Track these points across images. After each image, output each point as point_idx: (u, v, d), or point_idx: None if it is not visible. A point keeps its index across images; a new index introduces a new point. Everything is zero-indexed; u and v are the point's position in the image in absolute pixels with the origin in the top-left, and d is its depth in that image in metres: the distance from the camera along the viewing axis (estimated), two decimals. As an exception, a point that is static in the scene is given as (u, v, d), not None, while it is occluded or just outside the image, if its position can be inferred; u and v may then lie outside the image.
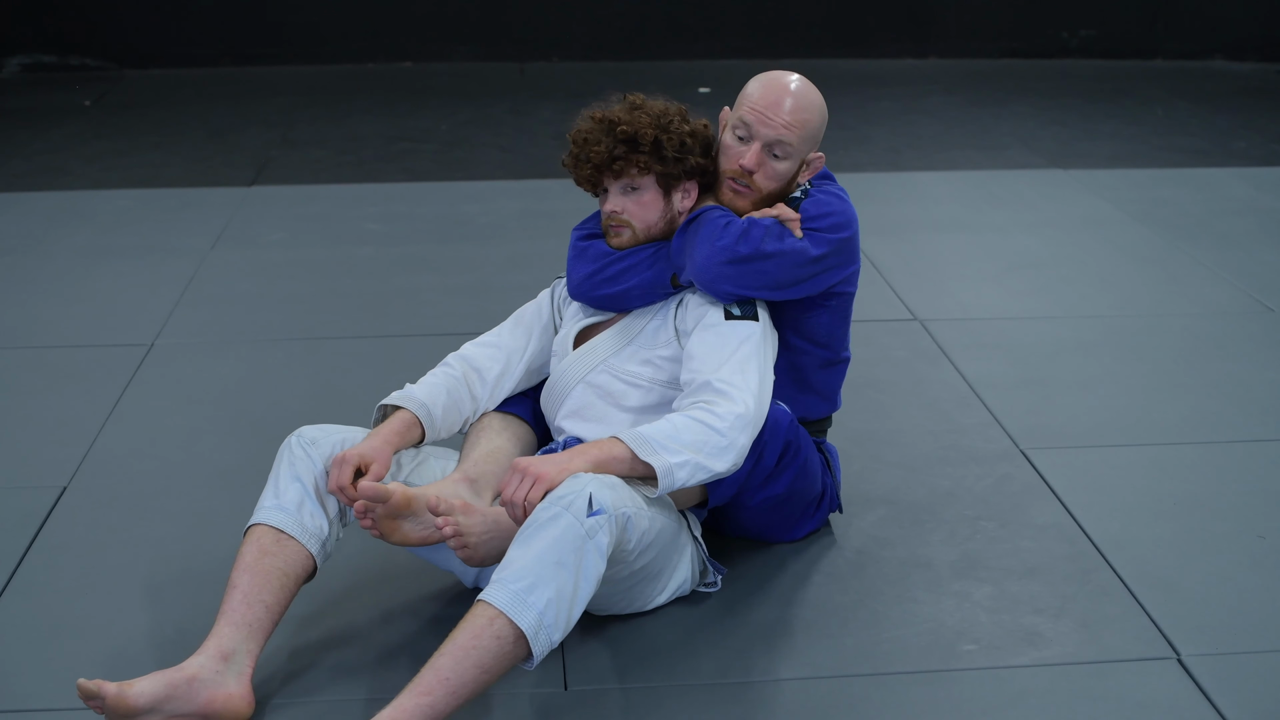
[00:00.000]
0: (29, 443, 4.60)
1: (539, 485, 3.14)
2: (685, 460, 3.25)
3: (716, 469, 3.30)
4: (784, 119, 3.56)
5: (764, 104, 3.57)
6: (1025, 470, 4.37)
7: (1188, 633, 3.51)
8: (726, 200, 3.64)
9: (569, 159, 3.63)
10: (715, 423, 3.30)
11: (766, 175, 3.60)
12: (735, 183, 3.61)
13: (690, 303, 3.59)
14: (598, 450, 3.25)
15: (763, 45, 11.09)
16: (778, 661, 3.43)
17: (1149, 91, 10.28)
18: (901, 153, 8.55)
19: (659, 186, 3.59)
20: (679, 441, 3.26)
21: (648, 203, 3.59)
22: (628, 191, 3.59)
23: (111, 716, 3.04)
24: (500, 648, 2.98)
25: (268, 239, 6.79)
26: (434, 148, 8.72)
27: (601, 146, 3.53)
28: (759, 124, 3.56)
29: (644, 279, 3.60)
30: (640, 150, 3.53)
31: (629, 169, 3.55)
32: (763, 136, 3.56)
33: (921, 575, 3.79)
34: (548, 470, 3.16)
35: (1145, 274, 6.24)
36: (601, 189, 3.63)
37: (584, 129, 3.60)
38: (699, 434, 3.28)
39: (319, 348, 5.43)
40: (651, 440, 3.26)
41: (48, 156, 8.44)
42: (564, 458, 3.21)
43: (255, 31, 11.05)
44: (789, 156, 3.61)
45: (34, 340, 5.50)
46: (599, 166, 3.56)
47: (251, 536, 3.32)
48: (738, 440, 3.32)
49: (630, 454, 3.25)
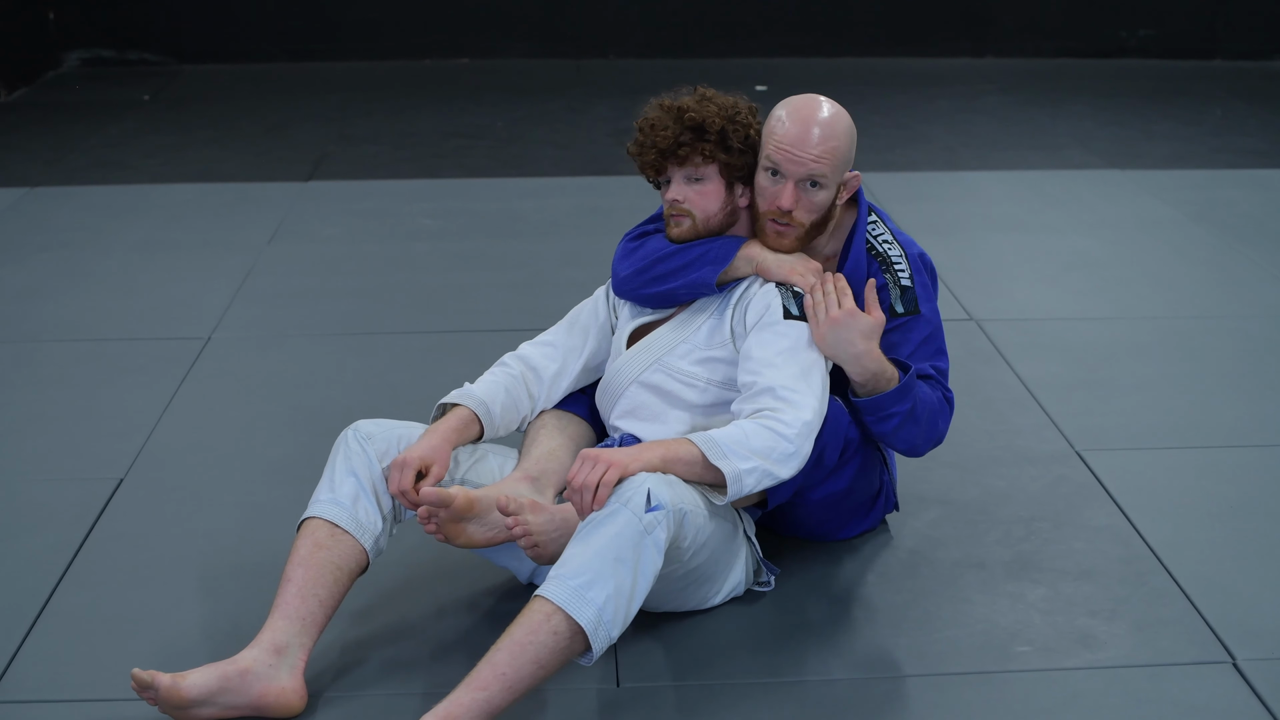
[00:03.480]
0: (87, 435, 4.63)
1: (614, 470, 3.13)
2: (754, 467, 3.25)
3: (781, 475, 3.30)
4: (813, 153, 3.48)
5: (790, 141, 3.49)
6: (1080, 471, 4.35)
7: (1243, 637, 3.48)
8: (770, 242, 3.58)
9: (634, 145, 3.60)
10: (784, 430, 3.29)
11: (806, 209, 3.54)
12: (776, 223, 3.56)
13: (748, 305, 3.56)
14: (664, 450, 3.24)
15: (820, 44, 11.07)
16: (830, 661, 3.43)
17: (1207, 92, 10.21)
18: (958, 152, 8.52)
19: (722, 177, 3.55)
20: (748, 448, 3.26)
21: (710, 193, 3.56)
22: (690, 181, 3.56)
23: (164, 707, 3.06)
24: (557, 643, 2.98)
25: (324, 234, 6.82)
26: (490, 144, 8.74)
27: (669, 132, 3.51)
28: (788, 163, 3.49)
29: (689, 280, 3.57)
30: (706, 139, 3.50)
31: (694, 156, 3.52)
32: (795, 175, 3.50)
33: (975, 576, 3.78)
34: (621, 458, 3.16)
35: (1202, 275, 6.20)
36: (664, 179, 3.61)
37: (651, 116, 3.58)
38: (767, 441, 3.28)
39: (374, 342, 5.45)
40: (722, 444, 3.25)
41: (106, 151, 8.50)
42: (632, 452, 3.21)
43: (313, 27, 11.09)
44: (825, 186, 3.54)
45: (92, 333, 5.53)
46: (664, 152, 3.53)
47: (306, 530, 3.33)
48: (803, 448, 3.32)
49: (700, 457, 3.24)
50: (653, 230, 3.75)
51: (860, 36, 11.24)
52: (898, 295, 3.63)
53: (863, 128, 3.74)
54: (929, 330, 3.67)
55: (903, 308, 3.63)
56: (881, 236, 3.69)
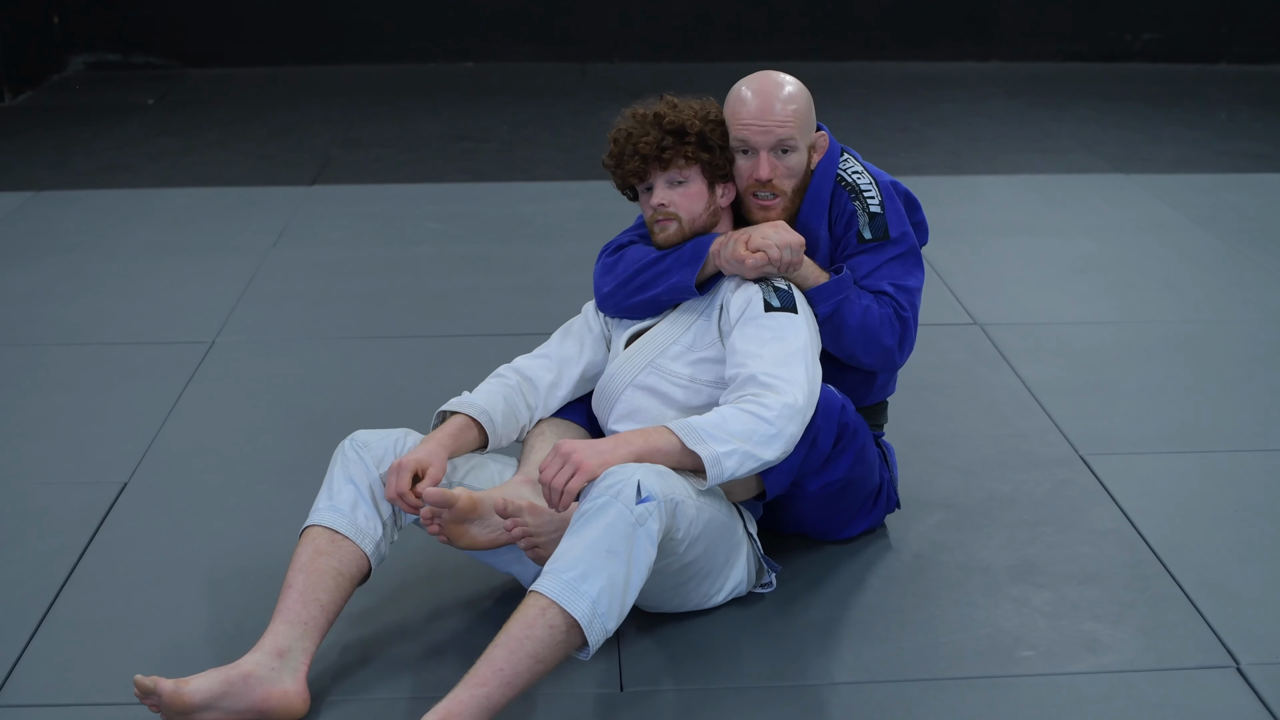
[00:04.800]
0: (91, 438, 4.63)
1: (579, 476, 3.15)
2: (733, 449, 3.25)
3: (765, 457, 3.29)
4: (778, 118, 3.60)
5: (754, 114, 3.61)
6: (1084, 476, 4.35)
7: (1248, 641, 3.48)
8: (758, 216, 3.68)
9: (610, 158, 3.66)
10: (763, 412, 3.29)
11: (783, 175, 3.65)
12: (758, 197, 3.66)
13: (730, 303, 3.58)
14: (643, 440, 3.25)
15: (824, 47, 11.07)
16: (833, 664, 3.42)
17: (1212, 95, 10.21)
18: (962, 155, 8.52)
19: (704, 178, 3.61)
20: (726, 431, 3.26)
21: (694, 194, 3.61)
22: (673, 184, 3.61)
23: (167, 713, 3.06)
24: (553, 637, 2.98)
25: (328, 238, 6.83)
26: (495, 148, 8.74)
27: (650, 137, 3.56)
28: (758, 135, 3.60)
29: (670, 285, 3.61)
30: (687, 141, 3.57)
31: (677, 159, 3.57)
32: (765, 144, 3.61)
33: (979, 580, 3.78)
34: (589, 462, 3.16)
35: (1207, 279, 6.20)
36: (644, 187, 3.65)
37: (625, 126, 3.64)
38: (747, 423, 3.28)
39: (378, 346, 5.45)
40: (699, 429, 3.26)
41: (111, 154, 8.51)
42: (608, 446, 3.21)
43: (317, 31, 11.11)
44: (796, 148, 3.64)
45: (96, 337, 5.54)
46: (647, 158, 3.58)
47: (307, 538, 3.34)
48: (786, 429, 3.31)
49: (678, 444, 3.25)
50: (629, 242, 3.78)
51: (865, 40, 11.26)
52: (866, 222, 3.71)
53: (867, 131, 3.76)
54: (897, 252, 3.74)
55: (870, 234, 3.71)
56: (852, 169, 3.79)
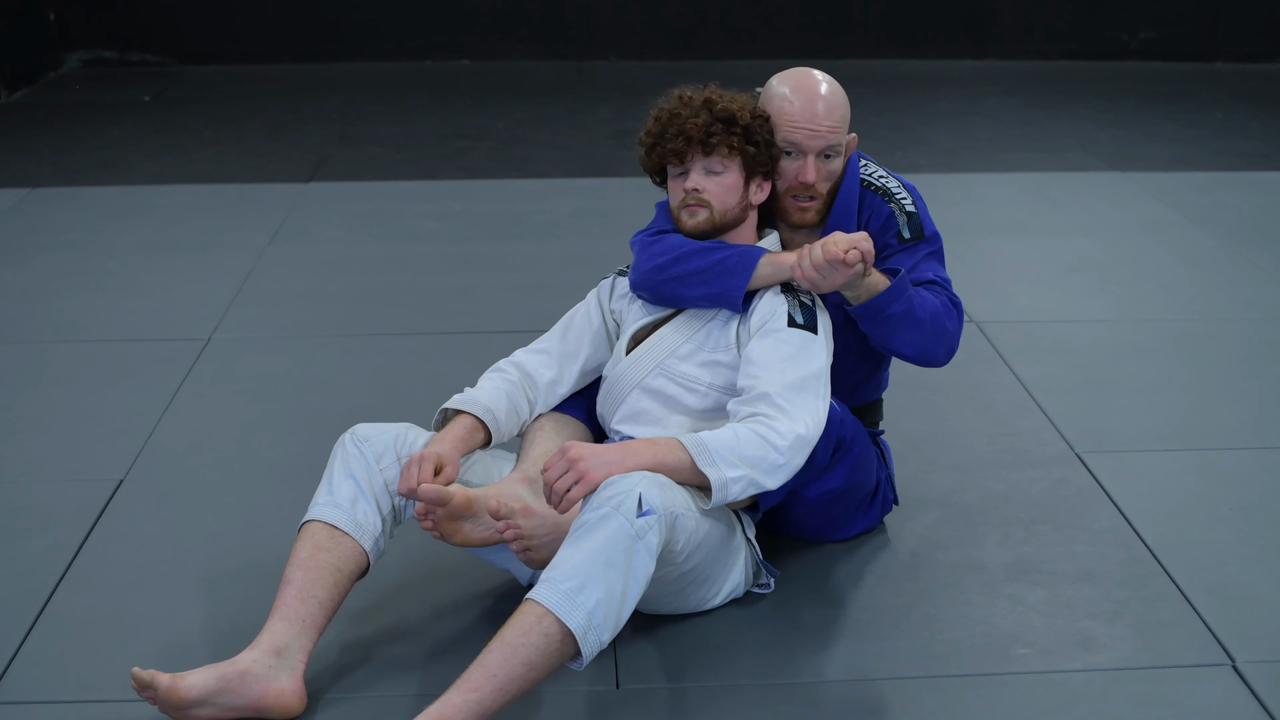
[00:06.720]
0: (87, 435, 4.63)
1: (582, 485, 3.14)
2: (741, 475, 3.24)
3: (768, 485, 3.29)
4: (826, 125, 3.59)
5: (804, 118, 3.58)
6: (1081, 474, 4.35)
7: (1243, 639, 3.48)
8: (795, 219, 3.67)
9: (649, 135, 3.60)
10: (777, 440, 3.28)
11: (825, 179, 3.65)
12: (798, 199, 3.64)
13: (754, 310, 3.54)
14: (651, 455, 3.23)
15: (821, 45, 11.05)
16: (829, 663, 3.43)
17: (1209, 94, 10.21)
18: (959, 154, 8.52)
19: (742, 171, 3.56)
20: (738, 455, 3.25)
21: (730, 185, 3.55)
22: (710, 173, 3.54)
23: (164, 707, 3.06)
24: (548, 646, 2.97)
25: (325, 235, 6.82)
26: (491, 145, 8.74)
27: (700, 119, 3.50)
28: (809, 139, 3.58)
29: (710, 293, 3.55)
30: (735, 131, 3.51)
31: (721, 146, 3.51)
32: (814, 148, 3.59)
33: (975, 578, 3.78)
34: (594, 473, 3.15)
35: (1203, 278, 6.20)
36: (678, 171, 3.59)
37: (672, 106, 3.58)
38: (758, 449, 3.27)
39: (375, 344, 5.45)
40: (712, 449, 3.25)
41: (107, 152, 8.51)
42: (615, 458, 3.20)
43: (314, 28, 11.10)
44: (839, 153, 3.65)
45: (92, 334, 5.54)
46: (692, 139, 3.52)
47: (305, 533, 3.33)
48: (793, 460, 3.31)
49: (688, 462, 3.24)
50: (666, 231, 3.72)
51: (861, 38, 11.24)
52: (905, 222, 3.74)
53: (864, 129, 3.76)
54: (930, 249, 3.78)
55: (909, 233, 3.73)
56: (876, 174, 3.79)
